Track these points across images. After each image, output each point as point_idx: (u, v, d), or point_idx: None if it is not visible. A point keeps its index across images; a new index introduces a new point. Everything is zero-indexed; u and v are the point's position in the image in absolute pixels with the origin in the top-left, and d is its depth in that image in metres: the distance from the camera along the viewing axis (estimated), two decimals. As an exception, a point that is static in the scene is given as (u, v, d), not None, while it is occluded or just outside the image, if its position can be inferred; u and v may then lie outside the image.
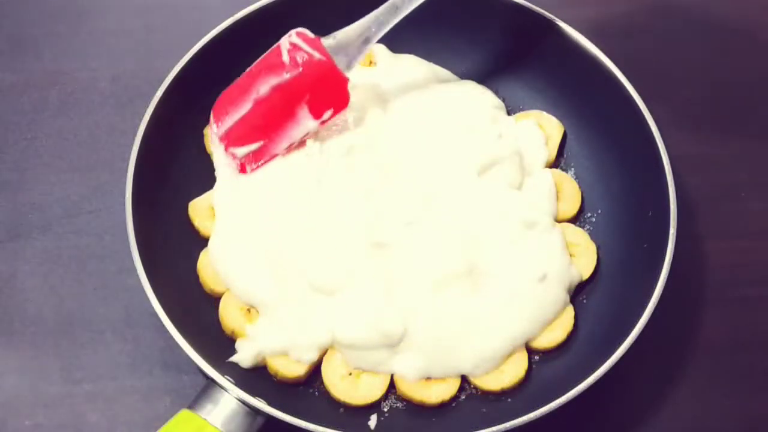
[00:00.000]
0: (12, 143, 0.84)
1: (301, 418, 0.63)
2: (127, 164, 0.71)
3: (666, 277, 0.68)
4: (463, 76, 0.84)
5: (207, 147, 0.79)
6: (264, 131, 0.74)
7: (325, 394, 0.71)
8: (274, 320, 0.71)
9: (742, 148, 0.87)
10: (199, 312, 0.72)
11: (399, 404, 0.71)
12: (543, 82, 0.83)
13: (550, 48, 0.81)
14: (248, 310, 0.72)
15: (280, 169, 0.76)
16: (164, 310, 0.66)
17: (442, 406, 0.71)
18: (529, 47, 0.82)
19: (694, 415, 0.74)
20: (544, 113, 0.82)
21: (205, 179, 0.78)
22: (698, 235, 0.81)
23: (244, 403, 0.64)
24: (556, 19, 0.80)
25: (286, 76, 0.72)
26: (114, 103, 0.86)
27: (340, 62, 0.73)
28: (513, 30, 0.82)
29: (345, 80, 0.73)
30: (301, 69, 0.72)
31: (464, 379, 0.72)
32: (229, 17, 0.78)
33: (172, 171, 0.76)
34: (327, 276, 0.71)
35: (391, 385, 0.71)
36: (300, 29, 0.74)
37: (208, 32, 0.78)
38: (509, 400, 0.71)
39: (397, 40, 0.83)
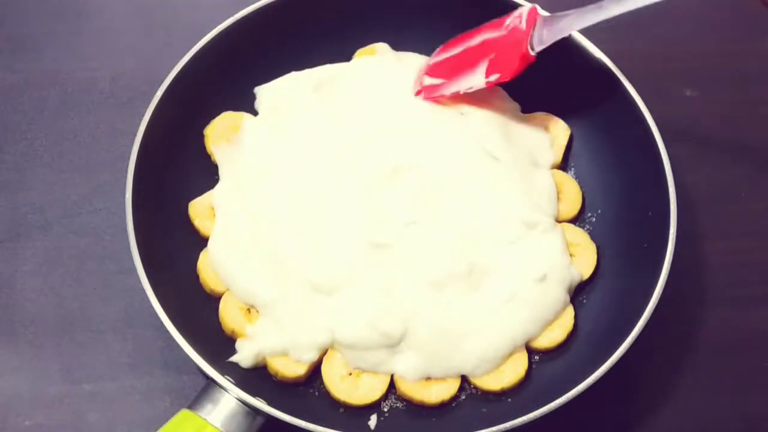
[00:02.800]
0: (12, 143, 0.84)
1: (301, 418, 0.63)
2: (127, 164, 0.71)
3: (666, 277, 0.68)
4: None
5: (207, 147, 0.79)
6: (450, 72, 0.78)
7: (325, 394, 0.71)
8: (274, 320, 0.71)
9: (742, 148, 0.87)
10: (199, 312, 0.72)
11: (399, 404, 0.71)
12: (542, 81, 0.83)
13: (550, 48, 0.80)
14: (248, 310, 0.72)
15: (280, 168, 0.76)
16: (164, 310, 0.66)
17: (442, 406, 0.71)
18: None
19: (694, 415, 0.74)
20: (551, 115, 0.82)
21: (205, 179, 0.78)
22: (698, 235, 0.81)
23: (244, 403, 0.64)
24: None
25: (494, 34, 0.76)
26: (114, 103, 0.86)
27: (535, 36, 0.74)
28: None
29: (526, 57, 0.74)
30: (504, 32, 0.76)
31: (464, 379, 0.72)
32: (229, 17, 0.78)
33: (172, 171, 0.76)
34: (327, 276, 0.71)
35: (391, 385, 0.71)
36: (536, 4, 0.76)
37: (208, 32, 0.77)
38: (509, 400, 0.71)
39: (400, 38, 0.83)
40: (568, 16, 0.72)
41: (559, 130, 0.81)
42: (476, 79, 0.76)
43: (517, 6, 0.80)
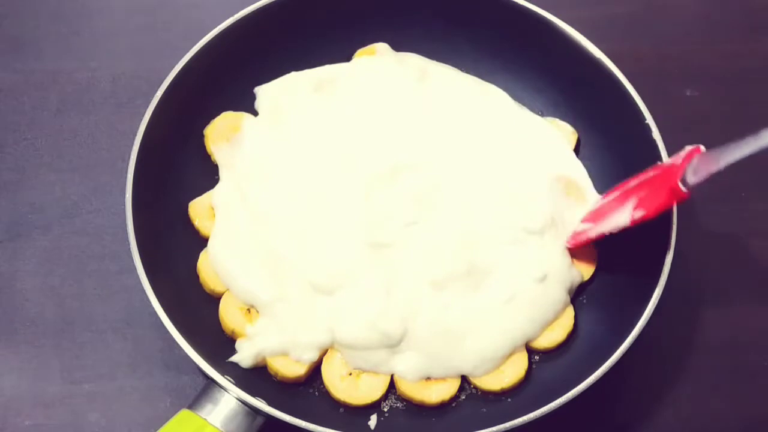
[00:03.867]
0: (12, 143, 0.84)
1: (301, 418, 0.63)
2: (127, 164, 0.71)
3: (666, 277, 0.68)
4: (464, 76, 0.84)
5: (207, 147, 0.79)
6: (600, 215, 0.73)
7: (325, 394, 0.71)
8: (274, 320, 0.71)
9: (742, 148, 0.87)
10: (199, 312, 0.72)
11: (399, 404, 0.71)
12: (542, 82, 0.83)
13: (550, 48, 0.81)
14: (248, 310, 0.72)
15: (280, 168, 0.76)
16: (164, 310, 0.66)
17: (442, 406, 0.71)
18: (530, 47, 0.82)
19: (694, 415, 0.74)
20: (558, 120, 0.81)
21: (205, 179, 0.78)
22: (698, 236, 0.81)
23: (244, 403, 0.64)
24: (556, 19, 0.80)
25: (649, 174, 0.70)
26: (114, 103, 0.86)
27: (689, 171, 0.66)
28: (513, 30, 0.82)
29: (676, 191, 0.66)
30: (659, 170, 0.70)
31: (464, 379, 0.72)
32: (229, 17, 0.78)
33: (172, 171, 0.76)
34: (327, 276, 0.71)
35: (391, 385, 0.71)
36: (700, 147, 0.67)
37: (208, 32, 0.77)
38: (509, 400, 0.71)
39: (399, 39, 0.83)
40: (726, 149, 0.64)
41: (566, 135, 0.81)
42: (622, 218, 0.70)
43: (517, 7, 0.80)
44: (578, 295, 0.75)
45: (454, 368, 0.71)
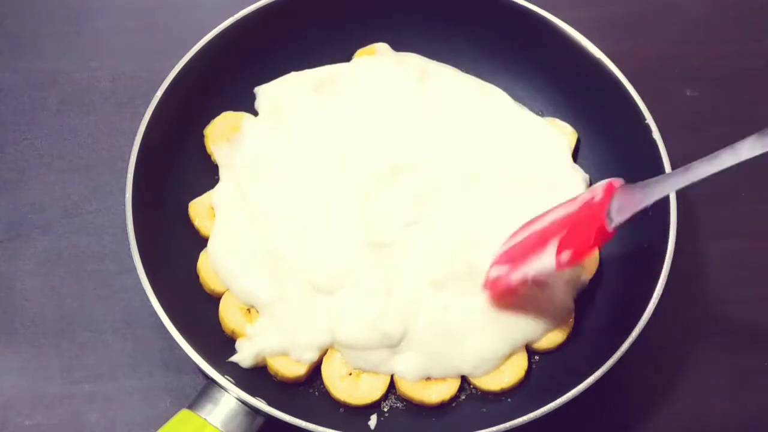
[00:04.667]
0: (12, 143, 0.84)
1: (301, 418, 0.63)
2: (127, 164, 0.71)
3: (666, 277, 0.68)
4: (464, 76, 0.84)
5: (207, 147, 0.79)
6: (516, 258, 0.69)
7: (325, 394, 0.71)
8: (274, 320, 0.71)
9: (742, 148, 0.87)
10: (199, 312, 0.72)
11: (399, 404, 0.71)
12: (542, 82, 0.83)
13: (550, 48, 0.80)
14: (248, 310, 0.72)
15: (280, 168, 0.76)
16: (164, 310, 0.66)
17: (442, 406, 0.71)
18: (529, 47, 0.82)
19: (693, 415, 0.74)
20: (558, 120, 0.81)
21: (205, 179, 0.78)
22: (698, 235, 0.81)
23: (244, 403, 0.64)
24: (556, 19, 0.80)
25: (564, 211, 0.66)
26: (114, 103, 0.86)
27: (613, 209, 0.61)
28: (513, 30, 0.82)
29: (603, 231, 0.61)
30: (575, 207, 0.65)
31: (464, 379, 0.72)
32: (229, 17, 0.78)
33: (172, 171, 0.76)
34: (327, 276, 0.71)
35: (391, 385, 0.71)
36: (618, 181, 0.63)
37: (208, 32, 0.77)
38: (509, 400, 0.71)
39: (399, 39, 0.83)
40: (651, 184, 0.60)
41: (567, 134, 0.81)
42: (545, 261, 0.65)
43: (517, 7, 0.80)
44: (578, 295, 0.75)
45: (454, 368, 0.71)
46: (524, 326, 0.71)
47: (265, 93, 0.81)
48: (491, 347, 0.71)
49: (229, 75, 0.80)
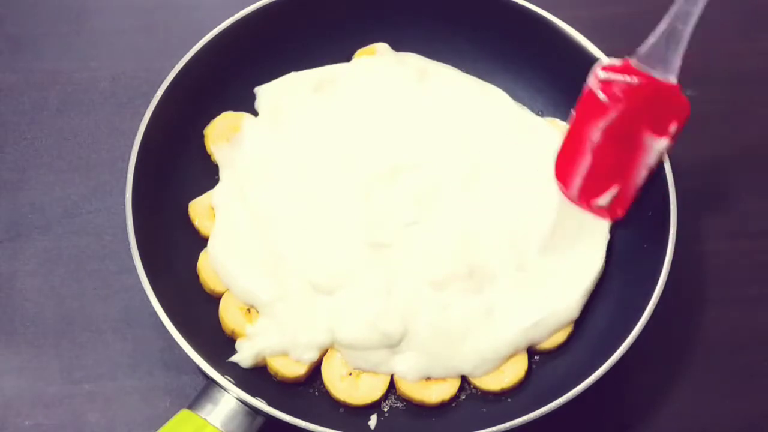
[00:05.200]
0: (12, 143, 0.84)
1: (301, 418, 0.63)
2: (127, 164, 0.71)
3: (666, 277, 0.68)
4: (464, 75, 0.84)
5: (207, 147, 0.79)
6: (616, 175, 0.71)
7: (325, 394, 0.71)
8: (274, 320, 0.71)
9: (742, 148, 0.87)
10: (199, 312, 0.72)
11: (399, 404, 0.71)
12: (542, 82, 0.83)
13: (550, 48, 0.80)
14: (248, 310, 0.72)
15: (280, 168, 0.76)
16: (164, 310, 0.66)
17: (442, 406, 0.71)
18: (529, 47, 0.82)
19: (694, 415, 0.74)
20: (558, 120, 0.81)
21: (205, 179, 0.78)
22: (698, 235, 0.81)
23: (244, 403, 0.64)
24: (556, 19, 0.80)
25: (613, 115, 0.68)
26: (114, 103, 0.86)
27: (659, 72, 0.67)
28: (513, 30, 0.82)
29: (674, 88, 0.67)
30: (624, 102, 0.68)
31: (464, 379, 0.72)
32: (229, 17, 0.78)
33: (172, 171, 0.76)
34: (327, 276, 0.71)
35: (391, 385, 0.71)
36: (602, 62, 0.70)
37: (208, 32, 0.77)
38: (509, 400, 0.71)
39: (399, 39, 0.83)
40: (664, 28, 0.66)
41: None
42: (657, 147, 0.69)
43: (517, 7, 0.80)
44: (578, 295, 0.75)
45: (454, 368, 0.71)
46: (528, 329, 0.71)
47: (265, 93, 0.81)
48: (492, 348, 0.70)
49: (229, 75, 0.80)
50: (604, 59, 0.70)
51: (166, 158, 0.76)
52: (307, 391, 0.71)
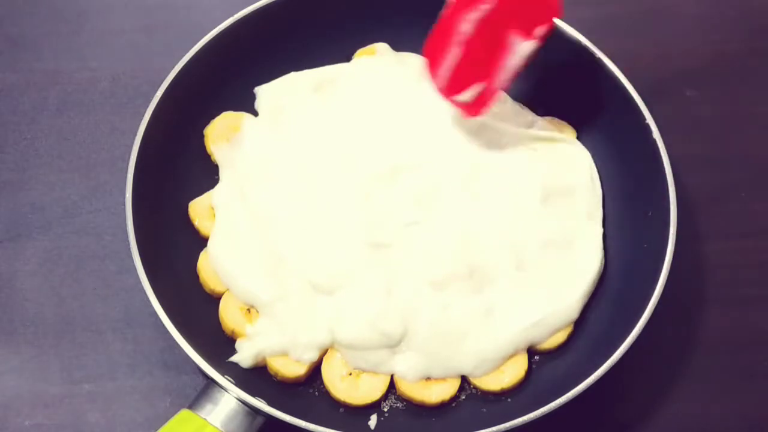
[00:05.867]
0: (12, 143, 0.84)
1: (301, 418, 0.63)
2: (127, 164, 0.71)
3: (666, 277, 0.68)
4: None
5: (207, 147, 0.79)
6: (482, 71, 0.69)
7: (325, 394, 0.71)
8: (274, 320, 0.71)
9: (742, 148, 0.87)
10: (199, 312, 0.72)
11: (399, 404, 0.71)
12: (542, 82, 0.83)
13: (550, 48, 0.80)
14: (248, 310, 0.72)
15: (280, 168, 0.76)
16: (164, 310, 0.66)
17: (442, 406, 0.71)
18: (529, 47, 0.82)
19: (694, 415, 0.74)
20: (557, 119, 0.81)
21: (205, 179, 0.78)
22: (698, 235, 0.81)
23: (244, 403, 0.64)
24: (556, 19, 0.79)
25: (485, 7, 0.67)
26: (114, 103, 0.86)
27: None
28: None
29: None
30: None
31: (464, 379, 0.72)
32: (229, 17, 0.78)
33: (172, 171, 0.76)
34: (327, 276, 0.71)
35: (391, 385, 0.71)
36: None
37: (208, 32, 0.78)
38: (509, 400, 0.71)
39: (400, 39, 0.83)
40: None
41: (566, 134, 0.81)
42: (523, 49, 0.67)
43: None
44: (578, 295, 0.75)
45: (454, 368, 0.71)
46: (528, 329, 0.71)
47: (265, 93, 0.81)
48: (492, 348, 0.70)
49: (229, 75, 0.80)
50: None
51: (166, 158, 0.76)
52: (307, 391, 0.71)
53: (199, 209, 0.76)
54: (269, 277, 0.72)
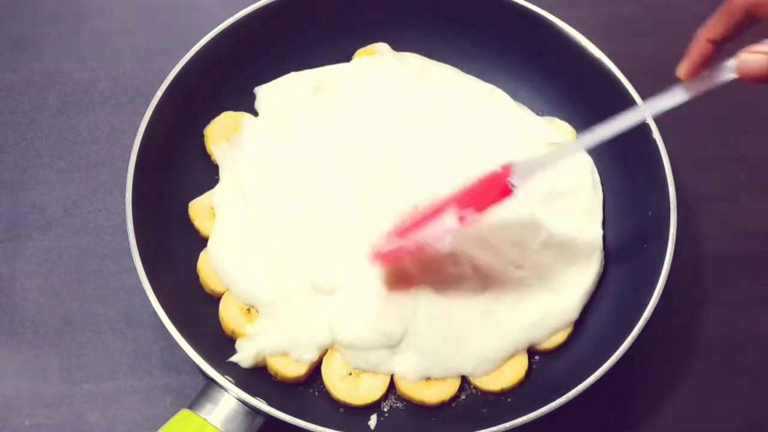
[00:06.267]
0: (12, 143, 0.84)
1: (301, 418, 0.63)
2: (127, 164, 0.71)
3: (666, 277, 0.68)
4: (464, 76, 0.84)
5: (207, 147, 0.79)
6: (409, 229, 0.68)
7: (325, 394, 0.71)
8: (274, 320, 0.71)
9: (742, 148, 0.87)
10: (199, 312, 0.72)
11: (399, 404, 0.71)
12: (542, 82, 0.83)
13: (550, 48, 0.81)
14: (248, 310, 0.72)
15: (280, 168, 0.76)
16: (164, 310, 0.66)
17: (442, 406, 0.71)
18: (530, 47, 0.82)
19: (694, 415, 0.74)
20: (556, 119, 0.81)
21: (205, 179, 0.78)
22: (698, 235, 0.81)
23: (244, 403, 0.64)
24: (556, 19, 0.80)
25: (456, 192, 0.68)
26: (114, 103, 0.86)
27: (515, 179, 0.65)
28: (513, 30, 0.82)
29: (509, 194, 0.65)
30: (472, 183, 0.67)
31: (464, 379, 0.72)
32: (229, 17, 0.78)
33: (172, 171, 0.76)
34: (327, 276, 0.71)
35: (391, 385, 0.71)
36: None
37: (208, 32, 0.78)
38: (509, 400, 0.71)
39: (399, 38, 0.83)
40: (544, 156, 0.66)
41: (565, 134, 0.81)
42: (446, 222, 0.65)
43: (517, 6, 0.80)
44: (578, 295, 0.75)
45: (454, 368, 0.71)
46: (528, 330, 0.71)
47: (265, 93, 0.81)
48: (493, 348, 0.71)
49: (229, 75, 0.80)
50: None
51: (166, 158, 0.76)
52: (307, 391, 0.71)
53: (199, 209, 0.76)
54: (269, 277, 0.72)
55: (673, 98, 0.63)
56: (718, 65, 0.62)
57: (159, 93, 0.74)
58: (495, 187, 0.65)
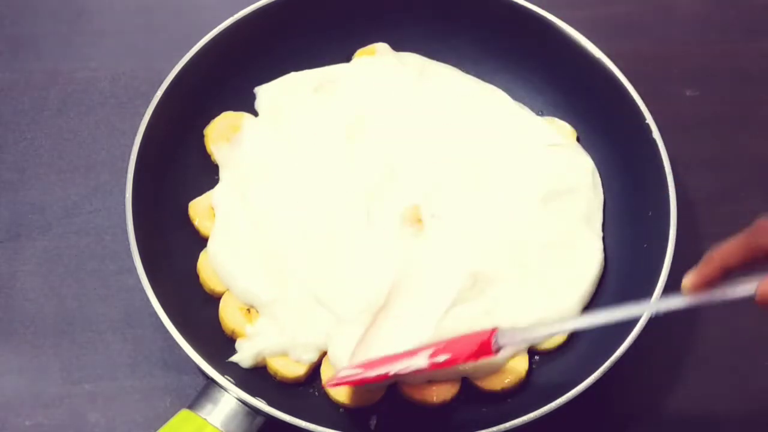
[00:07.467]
0: (12, 143, 0.84)
1: (301, 418, 0.63)
2: (127, 164, 0.71)
3: (666, 277, 0.68)
4: (463, 76, 0.84)
5: (207, 147, 0.79)
6: (375, 363, 0.66)
7: (325, 394, 0.71)
8: (274, 320, 0.71)
9: (742, 148, 0.87)
10: (199, 312, 0.72)
11: (399, 404, 0.71)
12: (542, 82, 0.83)
13: (550, 48, 0.81)
14: (248, 310, 0.72)
15: (280, 168, 0.76)
16: (164, 310, 0.66)
17: (443, 407, 0.71)
18: (530, 47, 0.82)
19: (694, 415, 0.74)
20: (557, 119, 0.81)
21: (205, 179, 0.78)
22: (698, 235, 0.81)
23: (244, 403, 0.64)
24: (556, 19, 0.80)
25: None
26: (114, 103, 0.86)
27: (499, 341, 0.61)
28: (513, 30, 0.82)
29: (487, 347, 0.61)
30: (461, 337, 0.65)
31: (464, 379, 0.72)
32: (229, 17, 0.78)
33: (172, 171, 0.76)
34: (331, 287, 0.71)
35: (392, 386, 0.71)
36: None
37: (208, 32, 0.78)
38: (509, 400, 0.71)
39: (399, 38, 0.83)
40: (528, 329, 0.65)
41: (566, 135, 0.81)
42: (417, 361, 0.62)
43: (517, 7, 0.80)
44: (578, 295, 0.75)
45: (454, 369, 0.71)
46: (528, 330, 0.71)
47: (265, 93, 0.81)
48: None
49: (229, 75, 0.80)
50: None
51: (166, 158, 0.76)
52: (307, 391, 0.71)
53: (199, 209, 0.76)
54: (269, 278, 0.72)
55: (677, 302, 0.60)
56: (731, 282, 0.58)
57: (159, 93, 0.74)
58: (477, 344, 0.61)
